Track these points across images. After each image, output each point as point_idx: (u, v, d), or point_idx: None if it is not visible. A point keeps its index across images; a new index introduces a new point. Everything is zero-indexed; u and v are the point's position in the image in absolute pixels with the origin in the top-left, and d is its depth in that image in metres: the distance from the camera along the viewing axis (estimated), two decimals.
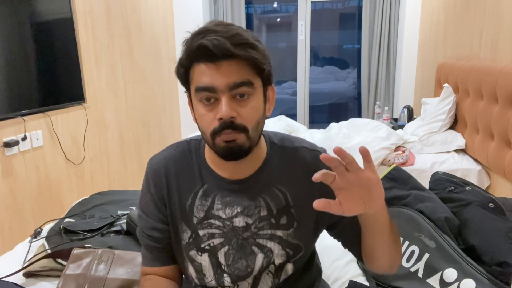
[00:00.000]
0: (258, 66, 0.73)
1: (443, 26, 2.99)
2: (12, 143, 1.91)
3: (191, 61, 0.74)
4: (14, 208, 1.97)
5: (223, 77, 0.70)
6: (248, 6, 4.65)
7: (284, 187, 0.83)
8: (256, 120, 0.75)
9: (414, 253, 1.16)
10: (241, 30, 0.73)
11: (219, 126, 0.72)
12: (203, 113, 0.74)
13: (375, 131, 2.63)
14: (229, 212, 0.82)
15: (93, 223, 1.46)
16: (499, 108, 1.92)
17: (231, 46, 0.69)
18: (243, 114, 0.73)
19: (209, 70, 0.71)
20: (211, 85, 0.71)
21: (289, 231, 0.82)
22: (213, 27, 0.71)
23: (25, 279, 1.19)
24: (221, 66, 0.71)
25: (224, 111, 0.70)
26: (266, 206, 0.82)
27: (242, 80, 0.71)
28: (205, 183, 0.83)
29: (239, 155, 0.75)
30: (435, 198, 1.28)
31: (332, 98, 5.39)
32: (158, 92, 3.64)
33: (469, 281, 1.04)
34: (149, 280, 0.86)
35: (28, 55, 2.02)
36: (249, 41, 0.71)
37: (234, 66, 0.71)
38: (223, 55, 0.69)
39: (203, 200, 0.83)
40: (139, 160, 3.27)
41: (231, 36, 0.70)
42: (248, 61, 0.71)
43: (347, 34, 5.23)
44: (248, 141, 0.74)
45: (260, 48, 0.73)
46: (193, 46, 0.72)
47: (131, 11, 3.07)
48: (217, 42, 0.68)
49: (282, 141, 0.87)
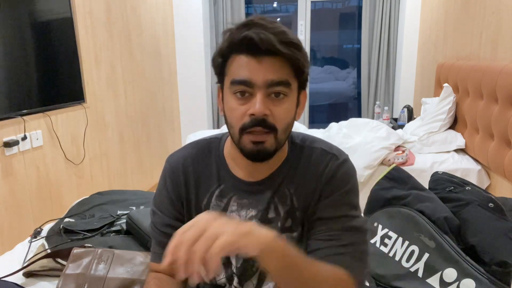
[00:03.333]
0: (299, 67, 0.71)
1: (443, 26, 2.99)
2: (12, 143, 1.91)
3: (232, 51, 0.72)
4: (14, 208, 1.96)
5: (263, 73, 0.69)
6: (248, 6, 4.65)
7: (292, 188, 0.81)
8: (287, 122, 0.74)
9: (414, 253, 1.16)
10: (287, 29, 0.71)
11: (250, 122, 0.71)
12: (235, 106, 0.72)
13: (375, 131, 2.63)
14: (243, 214, 0.81)
15: (93, 223, 1.46)
16: (499, 108, 1.92)
17: (277, 43, 0.67)
18: (275, 114, 0.71)
19: (249, 64, 0.70)
20: (249, 79, 0.69)
21: (293, 234, 0.81)
22: (259, 21, 0.69)
23: (25, 278, 1.18)
24: (263, 61, 0.69)
25: (258, 107, 0.69)
26: (274, 209, 0.81)
27: (280, 79, 0.70)
28: (222, 184, 0.83)
29: (265, 157, 0.75)
30: (435, 198, 1.28)
31: (332, 98, 5.39)
32: (158, 92, 3.64)
33: (469, 281, 1.04)
34: (155, 279, 0.86)
35: (28, 55, 2.02)
36: (294, 41, 0.70)
37: (276, 63, 0.69)
38: (267, 50, 0.68)
39: (218, 200, 0.82)
40: (139, 160, 3.27)
41: (278, 33, 0.68)
42: (290, 61, 0.70)
43: (347, 34, 5.23)
44: (275, 143, 0.73)
45: (303, 50, 0.72)
46: (237, 36, 0.69)
47: (131, 11, 3.07)
48: (264, 36, 0.67)
49: (303, 141, 0.85)
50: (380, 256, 1.22)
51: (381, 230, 1.27)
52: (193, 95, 4.11)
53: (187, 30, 3.97)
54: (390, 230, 1.25)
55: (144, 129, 3.35)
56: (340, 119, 2.99)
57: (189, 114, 4.18)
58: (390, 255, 1.20)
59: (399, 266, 1.16)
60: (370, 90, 3.98)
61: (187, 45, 4.00)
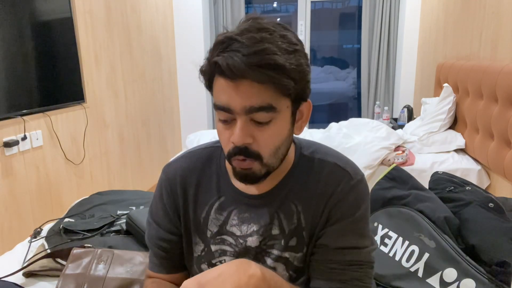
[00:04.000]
0: (285, 88, 0.64)
1: (442, 26, 2.99)
2: (12, 143, 1.91)
3: (212, 72, 0.66)
4: (13, 208, 1.96)
5: (240, 99, 0.63)
6: (248, 6, 4.65)
7: (300, 204, 0.75)
8: (275, 146, 0.68)
9: (414, 253, 1.16)
10: (272, 41, 0.62)
11: (232, 150, 0.67)
12: (221, 130, 0.69)
13: (375, 131, 2.64)
14: (244, 229, 0.77)
15: (92, 223, 1.46)
16: (499, 108, 1.92)
17: (247, 68, 0.60)
18: (259, 140, 0.66)
19: (227, 88, 0.63)
20: (227, 105, 0.64)
21: (297, 255, 0.76)
22: (238, 36, 0.62)
23: (24, 278, 1.18)
24: (240, 86, 0.62)
25: (237, 136, 0.64)
26: (279, 225, 0.76)
27: (261, 105, 0.63)
28: (222, 196, 0.78)
29: (255, 181, 0.70)
30: (435, 198, 1.28)
31: (332, 98, 5.39)
32: (158, 92, 3.64)
33: (469, 281, 1.04)
34: (154, 283, 0.84)
35: (28, 55, 2.02)
36: (271, 62, 0.60)
37: (255, 87, 0.62)
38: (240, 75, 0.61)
39: (218, 214, 0.78)
40: (139, 160, 3.27)
41: (254, 53, 0.60)
42: (270, 84, 0.62)
43: (347, 34, 5.23)
44: (264, 168, 0.69)
45: (288, 67, 0.62)
46: (211, 59, 0.64)
47: (131, 11, 3.07)
48: (231, 62, 0.60)
49: (313, 153, 0.78)
50: (380, 256, 1.21)
51: (381, 230, 1.27)
52: (193, 95, 4.11)
53: (187, 30, 3.97)
54: (390, 230, 1.25)
55: (144, 129, 3.35)
56: (340, 119, 2.99)
57: (189, 114, 4.18)
58: (390, 255, 1.20)
59: (399, 266, 1.16)
60: (370, 90, 3.98)
61: (187, 45, 4.00)
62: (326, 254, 0.74)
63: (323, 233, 0.75)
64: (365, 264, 0.74)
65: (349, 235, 0.74)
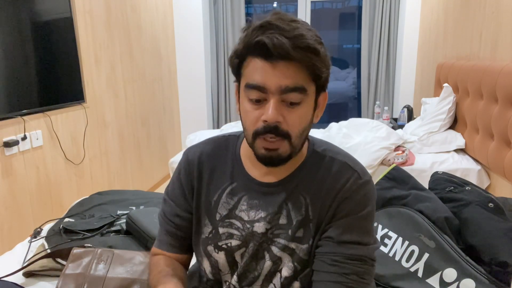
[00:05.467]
0: (316, 73, 0.69)
1: (442, 26, 2.99)
2: (12, 143, 1.91)
3: (247, 53, 0.70)
4: (13, 208, 1.96)
5: (277, 78, 0.67)
6: (248, 6, 4.65)
7: (309, 197, 0.78)
8: (302, 127, 0.72)
9: (414, 253, 1.16)
10: (305, 30, 0.67)
11: (263, 128, 0.70)
12: (249, 110, 0.71)
13: (375, 131, 2.64)
14: (252, 215, 0.80)
15: (92, 223, 1.46)
16: (499, 108, 1.92)
17: (291, 48, 0.64)
18: (289, 120, 0.69)
19: (263, 68, 0.67)
20: (262, 84, 0.68)
21: (303, 246, 0.78)
22: (276, 22, 0.66)
23: (24, 278, 1.18)
24: (277, 66, 0.66)
25: (271, 114, 0.67)
26: (287, 215, 0.78)
27: (295, 85, 0.67)
28: (234, 182, 0.82)
29: (279, 163, 0.74)
30: (435, 198, 1.28)
31: (332, 98, 5.39)
32: (158, 92, 3.64)
33: (468, 281, 1.04)
34: (162, 259, 0.87)
35: (28, 55, 2.02)
36: (311, 45, 0.66)
37: (291, 68, 0.67)
38: (281, 55, 0.65)
39: (229, 198, 0.82)
40: (139, 160, 3.27)
41: (294, 37, 0.65)
42: (306, 66, 0.67)
43: (347, 34, 5.22)
44: (290, 148, 0.72)
45: (322, 53, 0.68)
46: (251, 40, 0.67)
47: (131, 11, 3.07)
48: (277, 42, 0.64)
49: (325, 151, 0.82)
50: (380, 256, 1.22)
51: (381, 230, 1.27)
52: (193, 95, 4.11)
53: (187, 30, 3.97)
54: (390, 230, 1.25)
55: (144, 129, 3.36)
56: (340, 119, 2.99)
57: (189, 114, 4.18)
58: (390, 255, 1.20)
59: (399, 266, 1.16)
60: (370, 90, 3.99)
61: (187, 45, 4.00)
62: (330, 247, 0.76)
63: (329, 227, 0.77)
64: (367, 260, 0.76)
65: (354, 230, 0.76)
